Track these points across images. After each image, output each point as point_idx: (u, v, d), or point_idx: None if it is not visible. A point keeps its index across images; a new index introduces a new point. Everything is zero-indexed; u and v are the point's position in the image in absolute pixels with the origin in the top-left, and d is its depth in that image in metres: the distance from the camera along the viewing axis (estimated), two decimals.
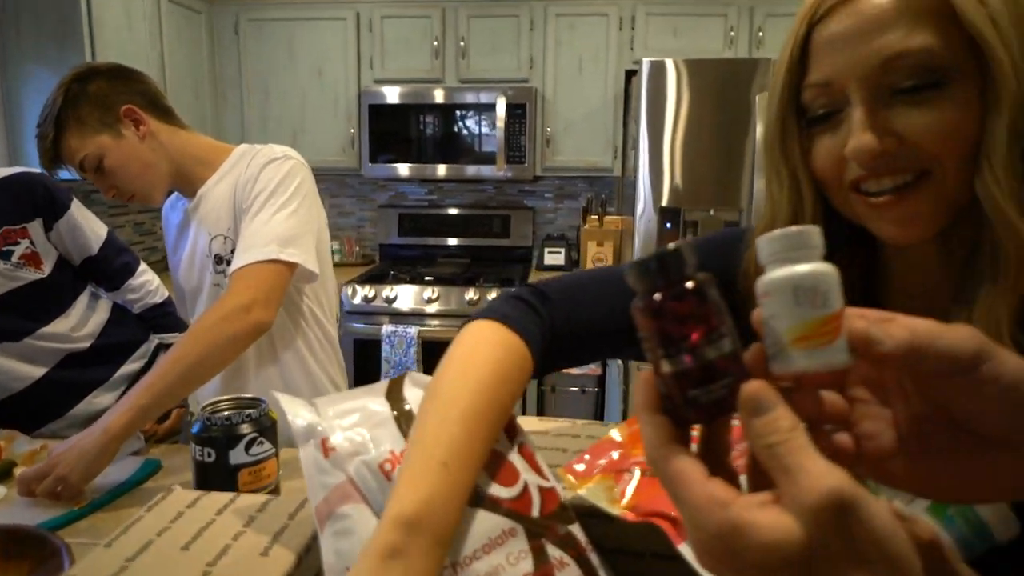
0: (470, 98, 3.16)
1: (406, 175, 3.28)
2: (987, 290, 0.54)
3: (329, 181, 3.69)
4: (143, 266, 1.60)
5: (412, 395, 0.60)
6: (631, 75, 3.04)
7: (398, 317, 2.98)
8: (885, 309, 0.68)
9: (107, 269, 1.51)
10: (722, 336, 0.34)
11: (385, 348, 2.91)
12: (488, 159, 3.20)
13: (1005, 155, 0.52)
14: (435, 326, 2.96)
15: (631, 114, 3.01)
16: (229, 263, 1.27)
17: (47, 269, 1.39)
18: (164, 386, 1.06)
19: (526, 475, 0.58)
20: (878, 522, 0.29)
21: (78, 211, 1.44)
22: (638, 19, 3.09)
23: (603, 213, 3.35)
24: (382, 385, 0.62)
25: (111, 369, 1.48)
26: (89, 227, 1.46)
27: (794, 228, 0.36)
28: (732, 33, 3.05)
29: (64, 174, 1.31)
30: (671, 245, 0.35)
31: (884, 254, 0.67)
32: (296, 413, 0.55)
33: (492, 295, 2.92)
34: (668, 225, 2.75)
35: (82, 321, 1.45)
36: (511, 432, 0.61)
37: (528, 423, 0.74)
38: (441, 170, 3.25)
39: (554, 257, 3.39)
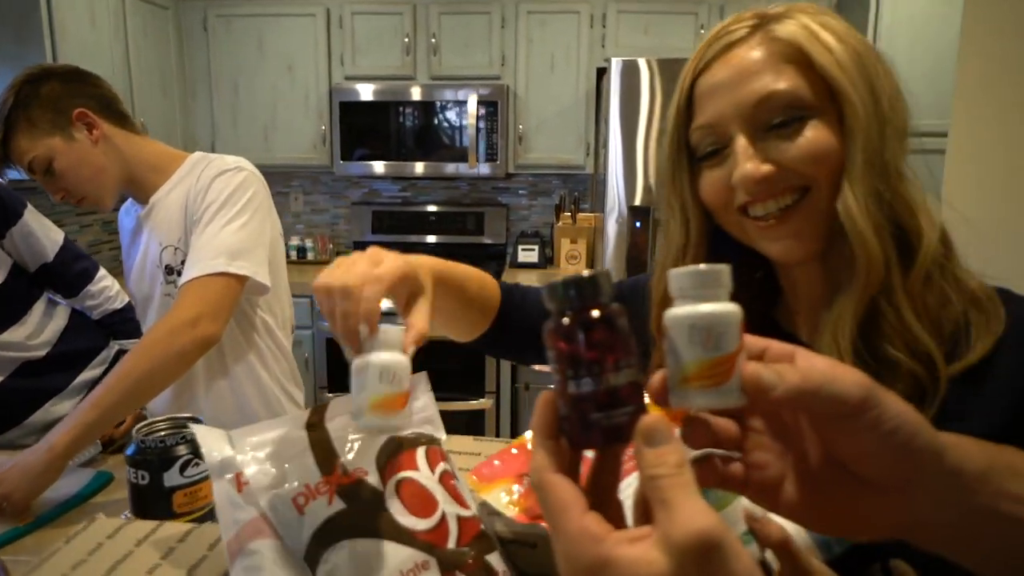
0: (442, 95, 3.14)
1: (379, 172, 3.26)
2: (837, 299, 0.62)
3: (302, 178, 3.66)
4: (102, 271, 1.58)
5: (334, 425, 0.60)
6: (602, 73, 3.04)
7: None
8: (780, 326, 0.73)
9: (65, 275, 1.50)
10: (629, 366, 0.35)
11: None
12: (461, 156, 3.19)
13: (862, 176, 0.61)
14: None
15: (602, 112, 3.01)
16: (180, 274, 1.26)
17: (1, 277, 1.38)
18: (111, 402, 1.05)
19: (445, 506, 0.58)
20: (740, 566, 0.30)
21: (32, 218, 1.42)
22: (609, 17, 3.09)
23: (576, 210, 3.36)
24: (305, 414, 0.61)
25: (69, 376, 1.46)
26: (44, 234, 1.45)
27: (704, 266, 0.36)
28: (703, 31, 3.06)
29: (14, 174, 1.30)
30: (586, 272, 0.36)
31: (778, 275, 0.74)
32: (211, 447, 0.55)
33: None
34: (638, 224, 2.76)
35: (38, 329, 1.43)
36: (433, 460, 0.61)
37: (462, 444, 0.74)
38: (414, 167, 3.23)
39: (528, 255, 3.38)
